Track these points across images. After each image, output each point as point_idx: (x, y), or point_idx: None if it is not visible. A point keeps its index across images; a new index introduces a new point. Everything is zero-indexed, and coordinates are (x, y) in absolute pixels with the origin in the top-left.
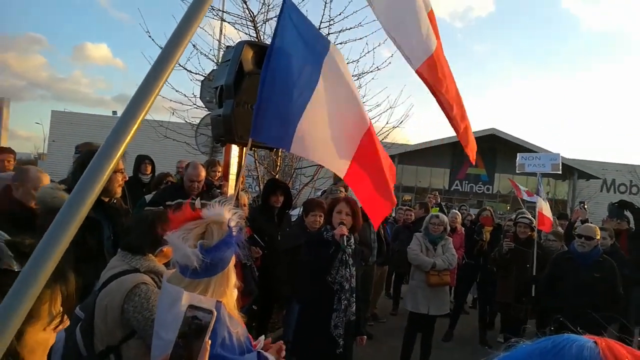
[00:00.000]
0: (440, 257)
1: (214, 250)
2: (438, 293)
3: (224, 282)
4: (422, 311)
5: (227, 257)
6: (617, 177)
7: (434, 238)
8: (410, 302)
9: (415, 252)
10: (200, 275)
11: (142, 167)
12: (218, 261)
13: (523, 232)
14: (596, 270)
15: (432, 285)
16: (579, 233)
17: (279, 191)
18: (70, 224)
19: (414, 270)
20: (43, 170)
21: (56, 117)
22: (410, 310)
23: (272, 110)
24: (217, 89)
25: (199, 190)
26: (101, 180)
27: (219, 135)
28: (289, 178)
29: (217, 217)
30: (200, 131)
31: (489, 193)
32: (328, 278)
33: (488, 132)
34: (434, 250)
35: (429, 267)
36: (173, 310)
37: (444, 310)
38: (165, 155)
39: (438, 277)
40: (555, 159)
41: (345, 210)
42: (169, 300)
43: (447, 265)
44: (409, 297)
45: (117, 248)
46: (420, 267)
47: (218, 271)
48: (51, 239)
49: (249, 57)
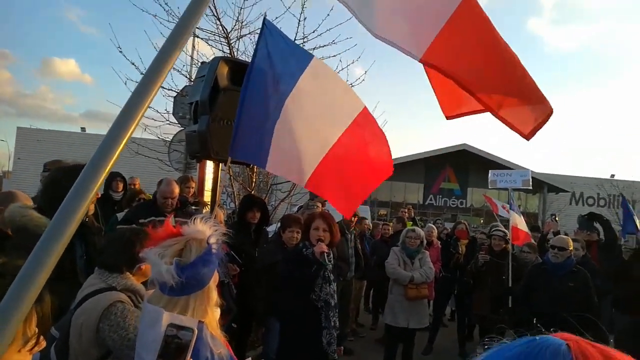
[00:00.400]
0: (418, 270)
1: (190, 267)
2: (417, 306)
3: (204, 300)
4: (402, 325)
5: (206, 275)
6: (585, 190)
7: (411, 252)
8: (390, 316)
9: (393, 266)
10: (179, 293)
11: (114, 185)
12: (196, 279)
13: (497, 245)
14: (570, 280)
15: (411, 298)
16: (552, 244)
17: (256, 207)
18: (57, 244)
19: (392, 284)
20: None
21: (22, 134)
22: (390, 324)
23: (250, 129)
24: (192, 105)
25: (173, 207)
26: (87, 199)
27: (195, 151)
28: (265, 194)
29: (197, 233)
30: (173, 147)
31: (463, 207)
32: (312, 296)
33: (459, 147)
34: (412, 264)
35: (407, 281)
36: (153, 330)
37: (424, 323)
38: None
39: (416, 291)
40: (525, 175)
41: (322, 227)
42: (149, 320)
43: (424, 279)
44: (388, 311)
45: (90, 267)
46: (398, 281)
47: (197, 289)
48: (37, 260)
49: (224, 73)
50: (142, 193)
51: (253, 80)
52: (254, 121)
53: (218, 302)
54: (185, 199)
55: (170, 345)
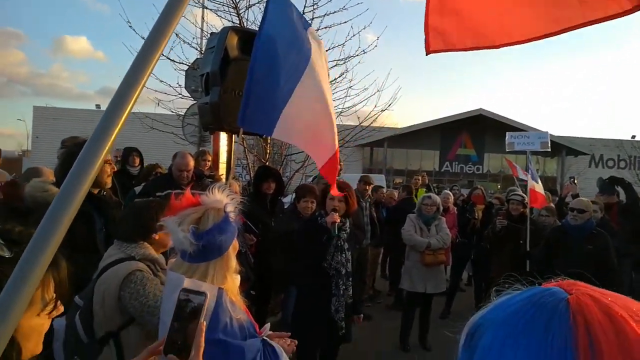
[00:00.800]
0: (435, 236)
1: (206, 234)
2: (434, 272)
3: (223, 267)
4: (419, 290)
5: (224, 242)
6: (605, 153)
7: (427, 218)
8: (407, 282)
9: (409, 233)
10: (198, 260)
11: (130, 160)
12: (213, 246)
13: (515, 209)
14: (590, 243)
15: (428, 264)
16: (572, 207)
17: (271, 178)
18: (61, 218)
19: (409, 250)
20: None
21: (38, 113)
22: (408, 290)
23: (259, 99)
24: (203, 77)
25: (189, 180)
26: (90, 174)
27: (207, 123)
28: (279, 165)
29: (215, 203)
30: (187, 121)
31: (479, 173)
32: (324, 264)
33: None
34: (428, 230)
35: (423, 247)
36: (174, 296)
37: (441, 288)
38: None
39: (433, 257)
40: (544, 137)
41: (337, 197)
42: (171, 287)
43: (441, 245)
44: (405, 278)
45: (110, 239)
46: (415, 248)
47: (216, 256)
48: (44, 233)
49: (233, 43)
50: (159, 167)
51: (261, 49)
52: (263, 90)
53: (237, 269)
54: (200, 172)
55: (185, 309)
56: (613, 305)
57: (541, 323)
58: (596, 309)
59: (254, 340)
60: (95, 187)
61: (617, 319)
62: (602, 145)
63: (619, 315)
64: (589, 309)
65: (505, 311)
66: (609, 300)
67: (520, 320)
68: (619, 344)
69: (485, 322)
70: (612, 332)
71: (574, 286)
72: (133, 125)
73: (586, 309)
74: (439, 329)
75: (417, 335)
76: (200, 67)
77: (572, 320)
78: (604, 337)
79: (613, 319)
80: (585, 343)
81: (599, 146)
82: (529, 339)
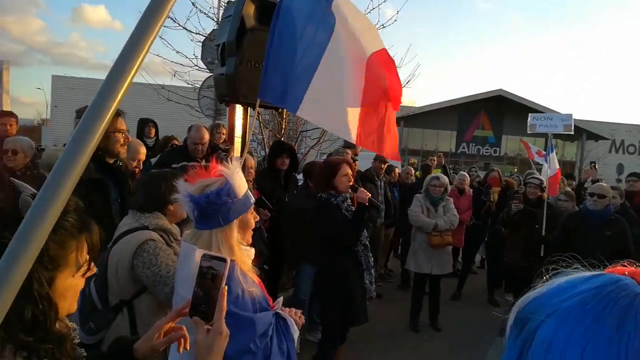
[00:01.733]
0: (442, 217)
1: (203, 197)
2: (440, 253)
3: (227, 237)
4: (425, 271)
5: (225, 209)
6: (626, 138)
7: (435, 199)
8: (413, 264)
9: (416, 214)
10: (201, 226)
11: (146, 131)
12: (213, 212)
13: (532, 193)
14: (608, 229)
15: (434, 246)
16: (591, 191)
17: (285, 154)
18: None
19: (415, 231)
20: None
21: (57, 83)
22: (414, 271)
23: (279, 71)
24: (219, 47)
25: (204, 153)
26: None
27: (223, 94)
28: (294, 141)
29: (227, 172)
30: (203, 93)
31: (496, 155)
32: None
33: (495, 93)
34: (435, 211)
35: (430, 228)
36: (187, 266)
37: (447, 269)
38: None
39: (440, 238)
40: (567, 119)
41: (349, 173)
42: (184, 257)
43: (448, 226)
44: (411, 258)
45: (125, 210)
46: (422, 229)
47: (217, 224)
48: (43, 200)
49: (250, 13)
50: (175, 139)
51: (282, 20)
52: (284, 63)
53: (249, 241)
54: (215, 145)
55: (207, 276)
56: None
57: (613, 321)
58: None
59: (266, 313)
60: (111, 156)
61: None
62: (623, 130)
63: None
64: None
65: (568, 301)
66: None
67: (589, 315)
68: None
69: (541, 309)
70: None
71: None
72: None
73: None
74: (450, 311)
75: (427, 316)
76: (217, 37)
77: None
78: None
79: None
80: None
81: (621, 131)
82: (598, 339)
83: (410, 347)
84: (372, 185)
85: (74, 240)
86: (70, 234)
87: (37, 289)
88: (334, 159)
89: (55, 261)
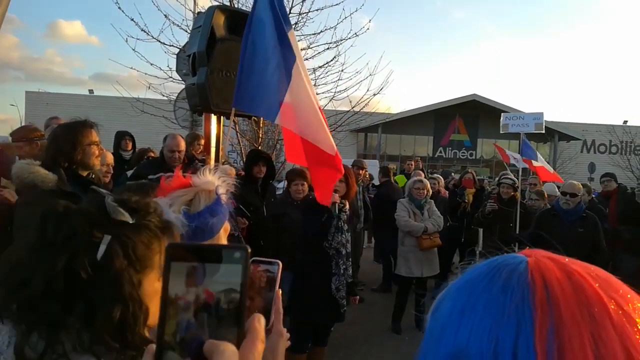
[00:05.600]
0: (429, 220)
1: (197, 216)
2: (429, 255)
3: None
4: (416, 274)
5: (215, 225)
6: (597, 138)
7: (419, 203)
8: (404, 268)
9: (404, 219)
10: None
11: (123, 144)
12: (205, 227)
13: (506, 193)
14: (580, 226)
15: (425, 248)
16: (564, 191)
17: (261, 161)
18: None
19: (404, 236)
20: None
21: (31, 98)
22: (405, 275)
23: (254, 80)
24: (190, 57)
25: (180, 161)
26: None
27: (195, 104)
28: (272, 150)
29: (206, 184)
30: (178, 105)
31: (472, 158)
32: (325, 244)
33: (469, 97)
34: (422, 214)
35: (420, 232)
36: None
37: (435, 270)
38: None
39: (430, 240)
40: (538, 118)
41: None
42: None
43: (436, 228)
44: (401, 263)
45: None
46: (411, 233)
47: (207, 238)
48: None
49: (220, 23)
50: (151, 151)
51: (254, 31)
52: (258, 72)
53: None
54: (192, 155)
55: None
56: (571, 264)
57: (499, 283)
58: (554, 267)
59: None
60: (84, 169)
61: (574, 276)
62: (594, 130)
63: (577, 272)
64: (547, 267)
65: (465, 277)
66: (569, 261)
67: (480, 284)
68: (576, 298)
69: (449, 291)
70: (569, 287)
71: (534, 251)
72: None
73: (544, 268)
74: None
75: (410, 318)
76: (188, 48)
77: (530, 277)
78: (561, 292)
79: (571, 275)
80: (543, 298)
81: (591, 131)
82: (487, 300)
83: (391, 349)
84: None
85: (157, 241)
86: (155, 235)
87: (127, 290)
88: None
89: (142, 262)
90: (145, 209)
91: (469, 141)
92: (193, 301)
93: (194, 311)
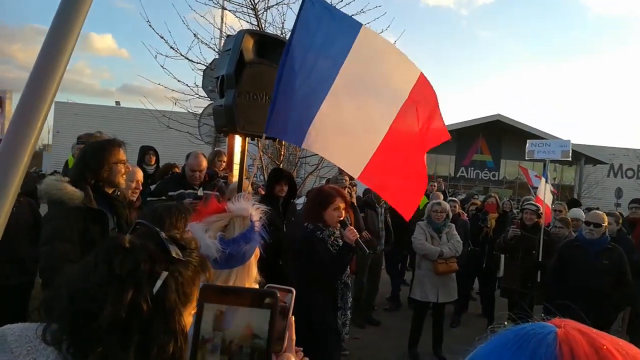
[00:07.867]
0: (446, 245)
1: (232, 242)
2: (446, 280)
3: (245, 275)
4: (432, 299)
5: (248, 251)
6: (624, 162)
7: (438, 226)
8: (419, 292)
9: (420, 242)
10: (221, 266)
11: (147, 158)
12: (238, 254)
13: (529, 219)
14: (605, 258)
15: (440, 273)
16: (587, 220)
17: (283, 180)
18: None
19: (420, 259)
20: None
21: (60, 109)
22: (419, 300)
23: (287, 107)
24: (219, 79)
25: (201, 180)
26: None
27: (222, 125)
28: (293, 167)
29: (241, 211)
30: (203, 121)
31: (495, 179)
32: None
33: (493, 118)
34: (439, 238)
35: (436, 256)
36: None
37: (453, 296)
38: (168, 145)
39: (446, 265)
40: (565, 145)
41: (342, 206)
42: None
43: (453, 253)
44: (417, 287)
45: None
46: (427, 257)
47: (239, 264)
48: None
49: (249, 47)
50: (176, 167)
51: (292, 56)
52: (292, 99)
53: (257, 278)
54: (214, 172)
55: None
56: (600, 338)
57: (527, 352)
58: (583, 341)
59: None
60: (110, 186)
61: (602, 351)
62: (622, 154)
63: (605, 348)
64: (575, 340)
65: (493, 343)
66: (597, 334)
67: (507, 352)
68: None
69: (476, 355)
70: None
71: (565, 322)
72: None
73: (573, 340)
74: (449, 338)
75: (428, 344)
76: (216, 70)
77: (558, 350)
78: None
79: (599, 350)
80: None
81: (619, 155)
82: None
83: None
84: (372, 212)
85: (198, 277)
86: (196, 272)
87: (178, 324)
88: (327, 189)
89: (187, 297)
90: (189, 246)
91: (491, 162)
92: (220, 345)
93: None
